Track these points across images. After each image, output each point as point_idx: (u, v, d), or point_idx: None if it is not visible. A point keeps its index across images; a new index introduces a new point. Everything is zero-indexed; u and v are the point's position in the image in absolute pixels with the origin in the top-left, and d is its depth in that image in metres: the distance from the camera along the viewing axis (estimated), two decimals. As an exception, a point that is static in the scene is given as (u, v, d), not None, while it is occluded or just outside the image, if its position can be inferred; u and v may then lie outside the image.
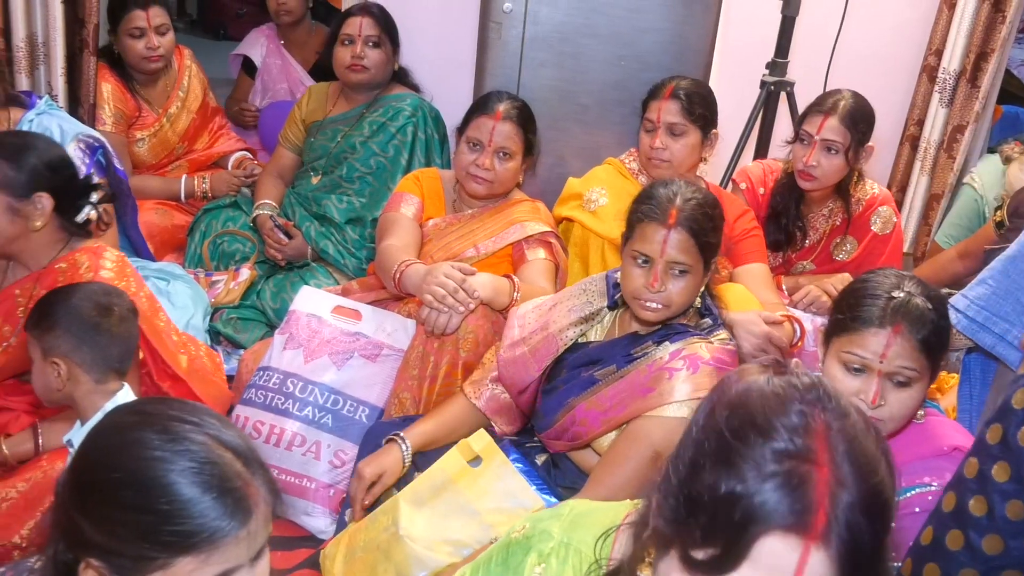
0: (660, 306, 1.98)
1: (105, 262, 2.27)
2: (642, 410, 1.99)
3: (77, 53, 3.25)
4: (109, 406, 1.83)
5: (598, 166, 2.87)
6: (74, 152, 2.68)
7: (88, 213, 2.28)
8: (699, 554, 0.95)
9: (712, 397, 1.07)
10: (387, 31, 3.19)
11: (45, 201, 2.18)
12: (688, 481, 1.00)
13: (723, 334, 2.05)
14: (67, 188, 2.24)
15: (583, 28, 2.91)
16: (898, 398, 1.64)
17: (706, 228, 1.97)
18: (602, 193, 2.75)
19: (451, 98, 2.94)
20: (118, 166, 2.84)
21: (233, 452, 1.13)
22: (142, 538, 1.06)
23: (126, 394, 1.93)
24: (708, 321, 2.08)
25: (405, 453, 2.15)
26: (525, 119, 2.66)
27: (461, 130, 2.68)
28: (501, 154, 2.61)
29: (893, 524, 1.01)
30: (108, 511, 1.08)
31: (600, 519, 1.30)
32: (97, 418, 1.75)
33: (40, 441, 2.15)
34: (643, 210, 1.99)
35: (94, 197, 2.29)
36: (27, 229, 2.20)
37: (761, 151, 3.33)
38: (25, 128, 2.68)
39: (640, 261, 1.98)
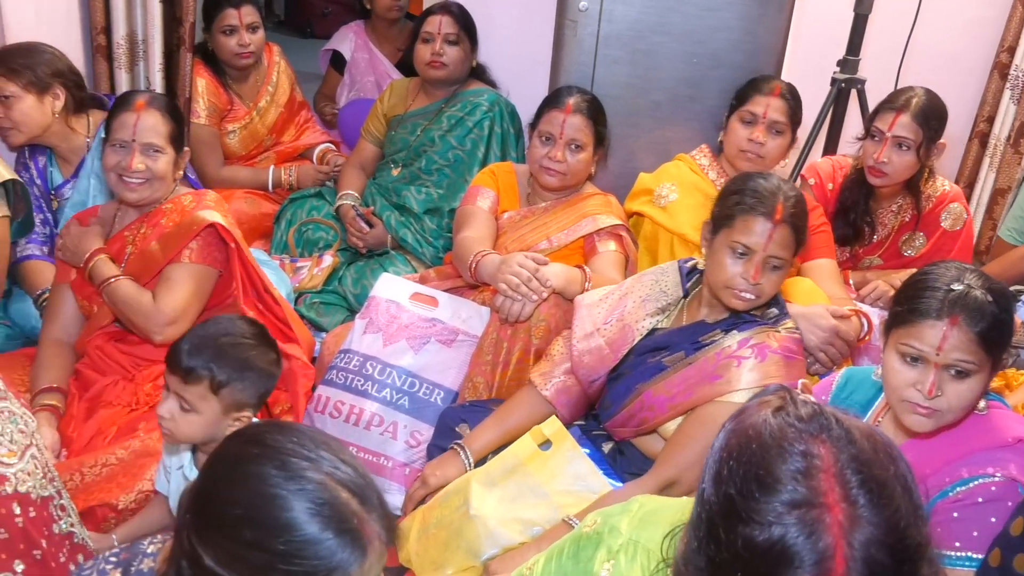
0: (753, 297, 1.98)
1: (208, 198, 2.40)
2: (709, 396, 1.98)
3: (174, 50, 3.31)
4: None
5: (669, 162, 2.84)
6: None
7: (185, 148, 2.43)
8: None
9: (716, 449, 1.04)
10: (465, 29, 3.20)
11: (186, 152, 2.38)
12: (707, 541, 0.99)
13: (789, 323, 2.04)
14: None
15: (657, 26, 2.87)
16: (956, 390, 1.59)
17: (803, 226, 1.98)
18: (672, 189, 2.73)
19: (527, 94, 2.93)
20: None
21: (349, 490, 1.10)
22: (259, 574, 1.06)
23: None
24: (774, 311, 2.06)
25: (467, 463, 2.17)
26: (595, 112, 2.64)
27: (534, 125, 2.68)
28: (572, 146, 2.60)
29: (924, 542, 0.97)
30: (227, 545, 1.07)
31: (668, 517, 1.28)
32: None
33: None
34: (747, 202, 1.97)
35: None
36: (176, 179, 2.37)
37: (830, 148, 3.25)
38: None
39: (739, 252, 1.97)
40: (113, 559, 1.30)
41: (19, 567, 1.54)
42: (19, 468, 1.55)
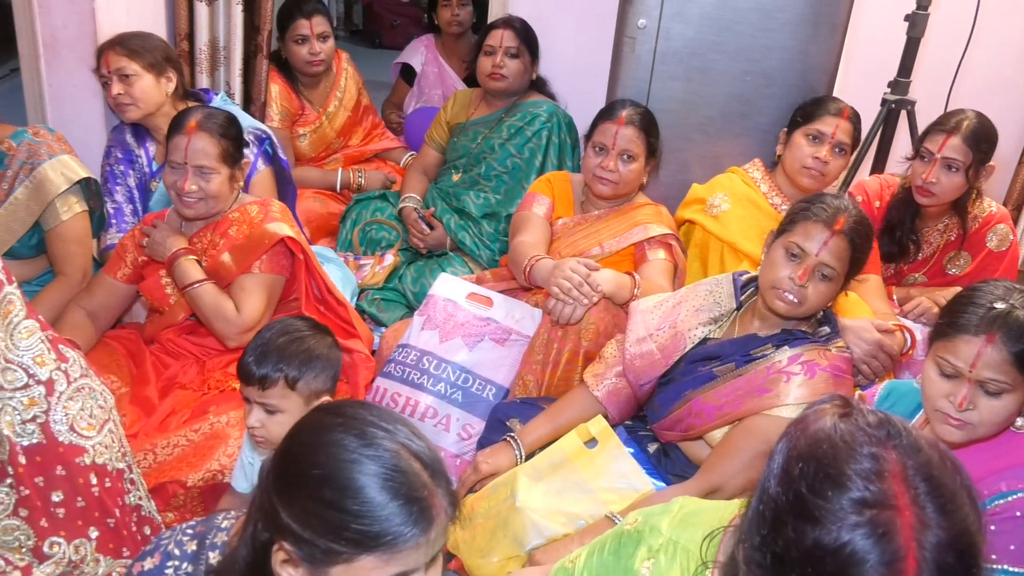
0: (796, 301, 1.94)
1: (273, 207, 2.42)
2: (757, 408, 1.95)
3: (252, 56, 3.37)
4: None
5: (721, 174, 2.82)
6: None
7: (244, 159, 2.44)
8: None
9: (783, 450, 1.02)
10: (526, 43, 3.21)
11: (245, 164, 2.36)
12: (772, 539, 0.97)
13: (840, 342, 2.00)
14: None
15: (712, 44, 2.85)
16: (988, 405, 1.55)
17: (862, 244, 1.94)
18: (724, 199, 2.70)
19: (585, 107, 2.93)
20: (282, 156, 2.95)
21: (421, 462, 1.12)
22: (332, 532, 1.07)
23: None
24: (826, 329, 2.03)
25: (518, 454, 2.17)
26: (647, 124, 2.63)
27: (588, 136, 2.68)
28: (624, 156, 2.59)
29: (983, 548, 0.96)
30: (304, 503, 1.09)
31: (708, 519, 1.27)
32: None
33: None
34: (812, 211, 1.96)
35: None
36: (236, 189, 2.39)
37: (878, 167, 3.21)
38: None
39: (792, 253, 1.95)
40: (190, 531, 1.32)
41: (94, 534, 1.58)
42: (97, 441, 1.59)
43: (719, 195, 2.71)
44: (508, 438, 2.20)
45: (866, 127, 2.92)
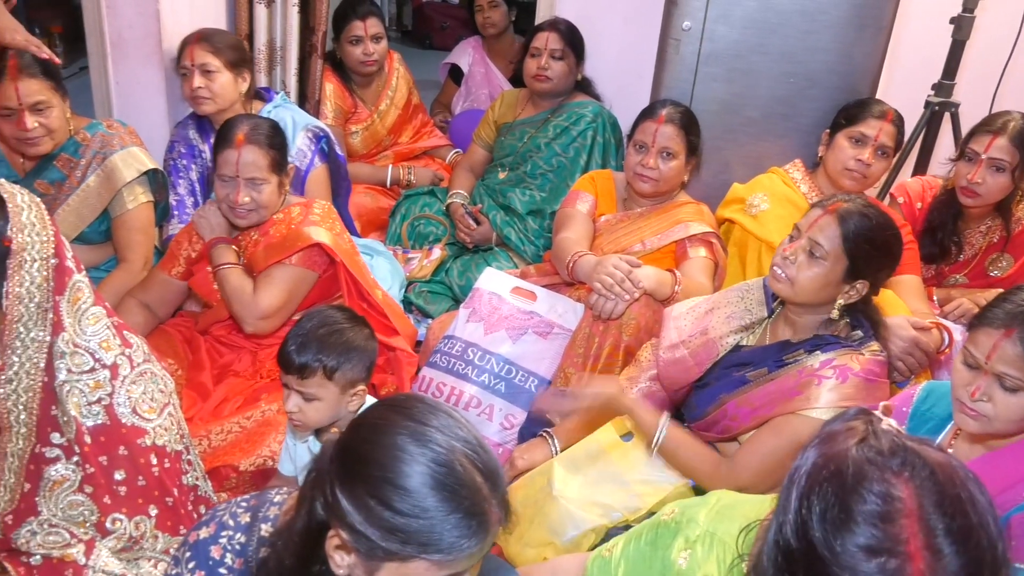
0: (784, 276, 1.94)
1: (314, 210, 2.42)
2: (788, 411, 1.93)
3: (307, 56, 3.41)
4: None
5: (762, 174, 2.79)
6: (303, 140, 2.84)
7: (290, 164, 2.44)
8: None
9: (801, 480, 0.98)
10: (571, 45, 3.19)
11: (290, 170, 2.39)
12: (788, 574, 0.95)
13: (875, 346, 1.95)
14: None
15: (756, 46, 2.81)
16: (1004, 400, 1.50)
17: (862, 235, 1.89)
18: (764, 199, 2.67)
19: (629, 107, 2.91)
20: (339, 152, 2.98)
21: (481, 473, 1.11)
22: (391, 534, 1.06)
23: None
24: (859, 333, 1.98)
25: (554, 450, 2.17)
26: (687, 122, 2.60)
27: (630, 135, 2.66)
28: (664, 154, 2.57)
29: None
30: (367, 501, 1.08)
31: (745, 512, 1.26)
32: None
33: None
34: (820, 200, 1.98)
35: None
36: (284, 195, 2.41)
37: (920, 168, 3.15)
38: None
39: (791, 236, 1.97)
40: (244, 504, 1.34)
41: (153, 511, 1.61)
42: (157, 423, 1.62)
43: (759, 195, 2.68)
44: (544, 434, 2.20)
45: (909, 129, 2.87)
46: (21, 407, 1.49)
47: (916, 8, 3.27)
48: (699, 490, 1.99)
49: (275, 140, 2.35)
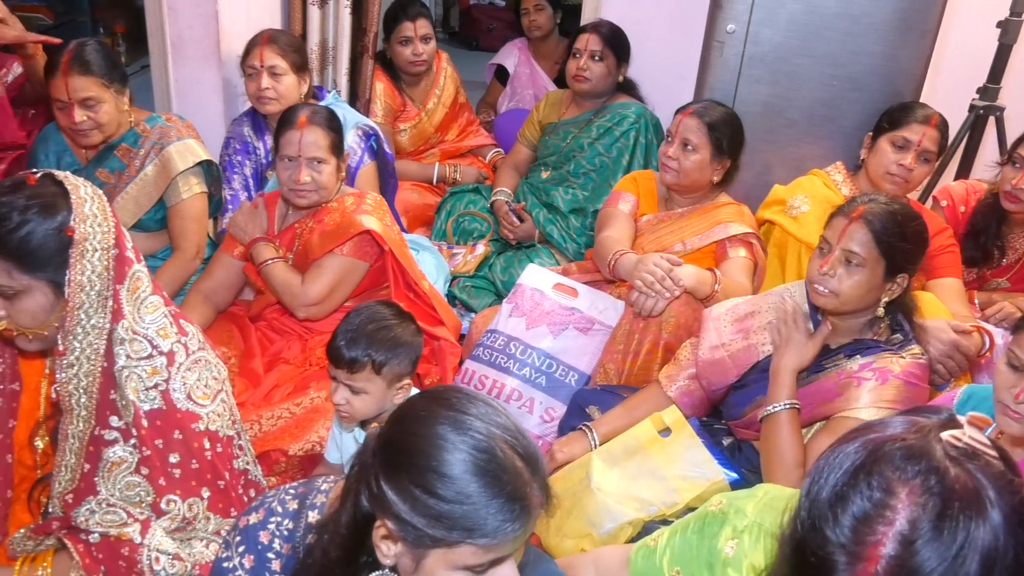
0: (827, 291, 1.89)
1: (367, 200, 2.45)
2: (827, 413, 1.89)
3: (359, 56, 3.43)
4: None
5: (803, 176, 2.75)
6: (353, 137, 2.85)
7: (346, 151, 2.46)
8: None
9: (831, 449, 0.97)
10: (611, 47, 3.15)
11: (347, 155, 2.44)
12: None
13: (915, 349, 1.90)
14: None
15: (800, 49, 2.77)
16: None
17: (892, 233, 1.84)
18: (805, 201, 2.63)
19: (671, 109, 2.87)
20: (387, 150, 2.99)
21: (522, 459, 1.11)
22: (438, 521, 1.07)
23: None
24: (899, 336, 1.94)
25: (593, 444, 2.15)
26: (714, 119, 2.53)
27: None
28: (686, 146, 2.53)
29: None
30: (412, 491, 1.08)
31: (793, 506, 1.23)
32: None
33: None
34: (840, 208, 1.94)
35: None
36: (341, 179, 2.44)
37: (963, 172, 3.08)
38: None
39: (820, 247, 1.93)
40: (292, 491, 1.35)
41: (205, 493, 1.63)
42: (211, 409, 1.64)
43: (800, 197, 2.64)
44: (584, 427, 2.19)
45: (952, 132, 2.81)
46: (82, 391, 1.51)
47: (962, 11, 3.20)
48: (736, 487, 1.96)
49: (333, 124, 2.41)
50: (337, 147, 2.39)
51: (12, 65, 2.80)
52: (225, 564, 1.31)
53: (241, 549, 1.30)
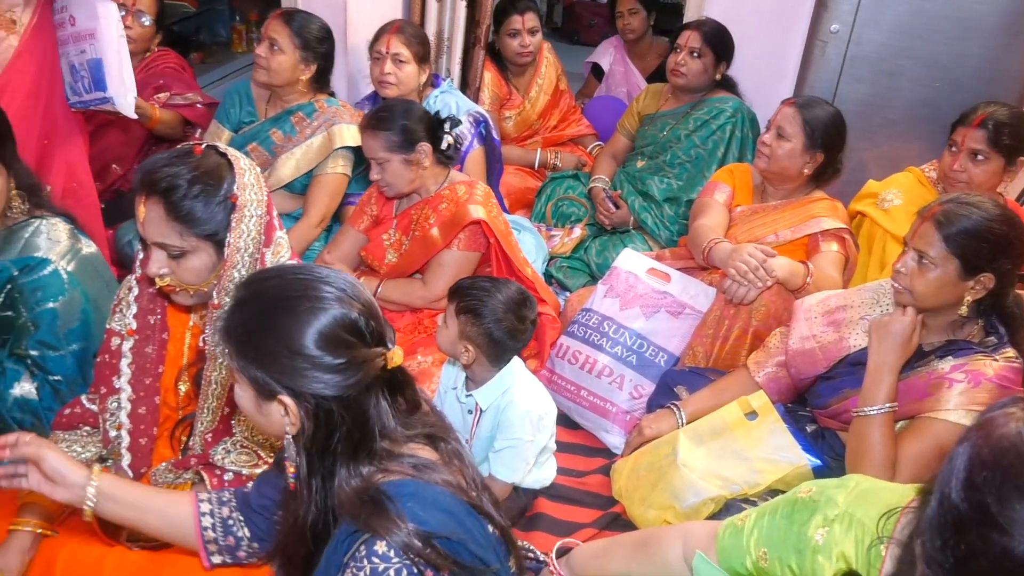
0: (902, 288, 1.85)
1: (477, 190, 2.48)
2: (916, 411, 1.83)
3: (471, 47, 3.45)
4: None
5: (899, 173, 2.65)
6: (465, 123, 2.88)
7: (447, 140, 2.46)
8: None
9: (964, 456, 0.92)
10: (710, 44, 3.08)
11: (425, 147, 2.40)
12: (955, 544, 0.89)
13: (1010, 352, 1.81)
14: (434, 131, 2.44)
15: (903, 50, 2.67)
16: None
17: (963, 232, 1.76)
18: (897, 195, 2.55)
19: (770, 105, 2.81)
20: (495, 136, 3.01)
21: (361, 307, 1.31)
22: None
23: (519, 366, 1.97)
24: (993, 339, 1.85)
25: (680, 422, 2.14)
26: (811, 109, 2.45)
27: None
28: (780, 134, 2.47)
29: None
30: (257, 346, 1.20)
31: (885, 498, 1.19)
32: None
33: None
34: (921, 208, 1.88)
35: (446, 127, 2.46)
36: (420, 171, 2.43)
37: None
38: (431, 102, 2.92)
39: (905, 247, 1.88)
40: None
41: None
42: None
43: (892, 191, 2.56)
44: (672, 406, 2.18)
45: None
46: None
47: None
48: (818, 473, 1.92)
49: (392, 125, 2.39)
50: (397, 145, 2.38)
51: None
52: None
53: None
